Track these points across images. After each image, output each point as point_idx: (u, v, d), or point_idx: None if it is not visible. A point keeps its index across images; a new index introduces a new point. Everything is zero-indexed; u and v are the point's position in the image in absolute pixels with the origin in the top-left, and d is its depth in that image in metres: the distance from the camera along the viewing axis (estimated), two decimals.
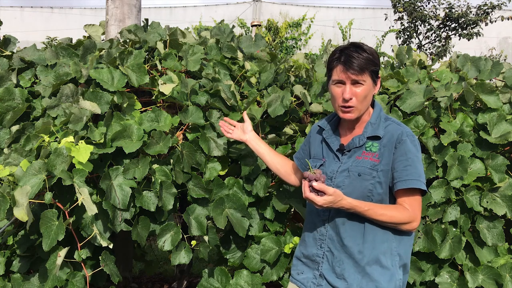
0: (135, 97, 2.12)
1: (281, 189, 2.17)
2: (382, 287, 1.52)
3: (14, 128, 2.04)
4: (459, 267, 2.16)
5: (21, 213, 1.65)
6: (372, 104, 1.66)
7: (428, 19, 9.75)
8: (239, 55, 2.51)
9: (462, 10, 9.65)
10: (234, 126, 1.98)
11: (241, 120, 2.08)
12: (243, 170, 2.12)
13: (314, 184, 1.43)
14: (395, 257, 1.56)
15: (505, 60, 10.85)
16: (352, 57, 1.51)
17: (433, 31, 9.90)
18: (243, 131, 1.95)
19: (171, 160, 2.01)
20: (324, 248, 1.60)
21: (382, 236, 1.54)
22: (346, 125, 1.68)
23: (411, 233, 1.60)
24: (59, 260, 1.73)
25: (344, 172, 1.57)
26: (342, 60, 1.53)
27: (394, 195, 1.56)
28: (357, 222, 1.54)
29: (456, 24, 9.73)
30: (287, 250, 2.12)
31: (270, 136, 2.24)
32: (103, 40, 2.75)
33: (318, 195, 1.44)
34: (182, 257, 2.01)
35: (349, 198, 1.47)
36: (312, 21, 14.68)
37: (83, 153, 1.79)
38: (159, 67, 2.24)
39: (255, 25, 12.45)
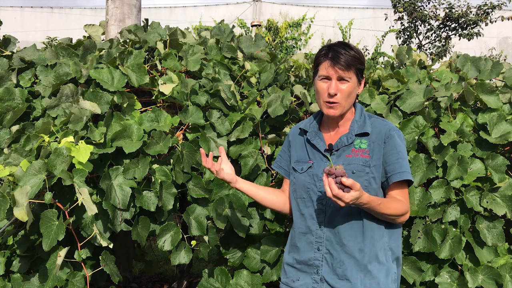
0: (135, 97, 2.12)
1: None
2: (382, 282, 1.54)
3: (14, 128, 2.04)
4: (459, 267, 2.16)
5: (21, 213, 1.65)
6: (354, 104, 1.67)
7: (428, 19, 9.75)
8: (239, 55, 2.51)
9: (462, 10, 9.65)
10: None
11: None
12: (243, 170, 2.12)
13: (344, 180, 1.33)
14: (388, 251, 1.58)
15: (505, 60, 10.85)
16: (340, 53, 1.53)
17: (433, 31, 9.90)
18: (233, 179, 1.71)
19: (171, 160, 2.01)
20: (323, 251, 1.57)
21: (378, 232, 1.56)
22: (329, 124, 1.67)
23: (400, 226, 1.63)
24: (59, 260, 1.73)
25: None
26: (330, 56, 1.54)
27: (386, 189, 1.59)
28: (355, 221, 1.54)
29: (456, 24, 9.73)
30: None
31: (270, 136, 2.24)
32: (103, 40, 2.75)
33: (344, 191, 1.35)
34: (182, 257, 2.01)
35: (367, 194, 1.43)
36: (312, 21, 14.68)
37: (83, 153, 1.79)
38: (159, 67, 2.24)
39: (255, 25, 12.46)
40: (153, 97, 2.15)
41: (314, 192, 1.59)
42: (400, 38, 10.25)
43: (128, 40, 2.45)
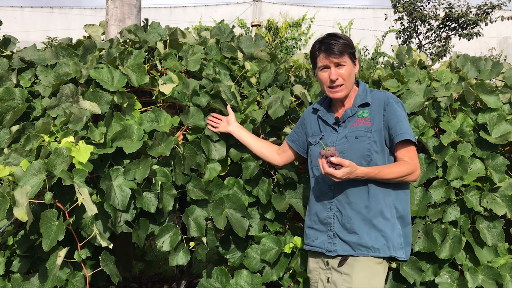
0: (135, 97, 2.12)
1: (281, 189, 2.17)
2: (387, 235, 1.76)
3: (14, 128, 2.03)
4: (459, 267, 2.16)
5: (21, 213, 1.65)
6: (357, 84, 1.93)
7: (428, 19, 9.75)
8: (239, 55, 2.51)
9: (462, 10, 9.65)
10: (221, 120, 2.11)
11: (224, 114, 2.14)
12: (244, 174, 2.11)
13: (332, 159, 1.61)
14: (393, 209, 1.79)
15: (505, 60, 10.85)
16: (331, 44, 1.79)
17: (433, 31, 9.90)
18: (227, 124, 2.09)
19: (171, 161, 2.01)
20: (334, 210, 1.81)
21: (383, 191, 1.77)
22: (337, 104, 1.93)
23: (407, 186, 1.84)
24: (59, 260, 1.73)
25: (343, 139, 1.82)
26: (323, 48, 1.81)
27: (394, 152, 1.80)
28: (361, 181, 1.75)
29: (456, 24, 9.72)
30: (287, 250, 2.12)
31: (271, 139, 2.25)
32: (103, 40, 2.75)
33: (336, 169, 1.62)
34: (180, 258, 2.01)
35: (361, 167, 1.68)
36: (312, 21, 14.67)
37: (83, 153, 1.79)
38: (159, 67, 2.24)
39: (255, 25, 12.45)
40: (153, 97, 2.14)
41: None
42: (400, 38, 10.25)
43: (128, 40, 2.44)
